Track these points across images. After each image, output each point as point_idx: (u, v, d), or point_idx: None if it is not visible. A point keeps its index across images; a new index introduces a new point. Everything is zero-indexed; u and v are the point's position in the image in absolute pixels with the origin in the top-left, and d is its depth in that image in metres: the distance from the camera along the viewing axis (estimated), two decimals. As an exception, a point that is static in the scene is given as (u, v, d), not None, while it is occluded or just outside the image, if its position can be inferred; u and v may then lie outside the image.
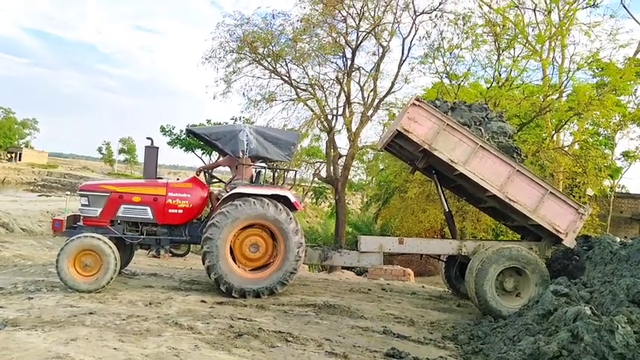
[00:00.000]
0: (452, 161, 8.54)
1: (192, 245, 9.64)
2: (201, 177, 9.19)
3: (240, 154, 8.58)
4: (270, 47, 16.74)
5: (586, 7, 18.09)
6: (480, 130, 9.14)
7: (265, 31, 16.77)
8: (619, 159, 27.37)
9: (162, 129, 23.86)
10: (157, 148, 8.90)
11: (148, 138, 8.86)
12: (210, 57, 17.06)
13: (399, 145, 9.59)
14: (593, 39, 17.18)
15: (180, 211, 8.54)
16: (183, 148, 23.39)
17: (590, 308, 4.83)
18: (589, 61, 17.09)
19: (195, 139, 13.83)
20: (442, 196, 10.09)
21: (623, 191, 30.50)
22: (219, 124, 20.34)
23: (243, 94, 18.05)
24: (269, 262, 8.59)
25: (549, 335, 4.80)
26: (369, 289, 10.57)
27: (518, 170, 8.59)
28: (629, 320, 4.57)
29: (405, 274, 13.90)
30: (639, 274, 6.07)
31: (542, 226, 8.69)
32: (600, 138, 23.43)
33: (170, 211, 8.50)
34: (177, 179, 9.41)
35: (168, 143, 23.89)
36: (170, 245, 8.85)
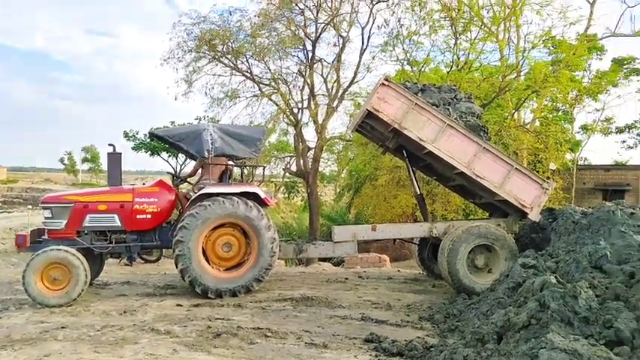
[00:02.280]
0: (421, 140, 8.70)
1: (164, 250, 9.55)
2: (168, 179, 9.11)
3: (206, 153, 8.53)
4: (229, 44, 16.60)
5: (536, -13, 18.47)
6: (448, 109, 9.33)
7: (223, 28, 16.59)
8: (578, 132, 28.14)
9: (126, 134, 23.35)
10: (120, 154, 8.79)
11: (110, 144, 8.75)
12: (169, 58, 16.82)
13: (370, 125, 9.73)
14: (545, 18, 17.61)
15: (149, 216, 8.45)
16: (149, 152, 22.98)
17: (556, 277, 4.99)
18: (543, 39, 17.52)
19: (159, 142, 13.64)
20: (413, 179, 10.25)
21: (585, 163, 31.32)
22: (184, 125, 20.11)
23: (206, 93, 17.86)
24: (243, 260, 8.58)
25: (519, 306, 4.94)
26: (346, 279, 10.67)
27: (484, 147, 8.79)
28: (591, 285, 4.75)
29: (381, 261, 14.06)
30: (600, 241, 6.29)
31: (508, 201, 8.91)
32: (559, 113, 24.03)
33: (138, 216, 8.41)
34: (144, 184, 9.31)
35: (133, 148, 23.38)
36: (141, 251, 8.76)
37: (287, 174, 21.77)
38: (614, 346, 3.90)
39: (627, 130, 35.24)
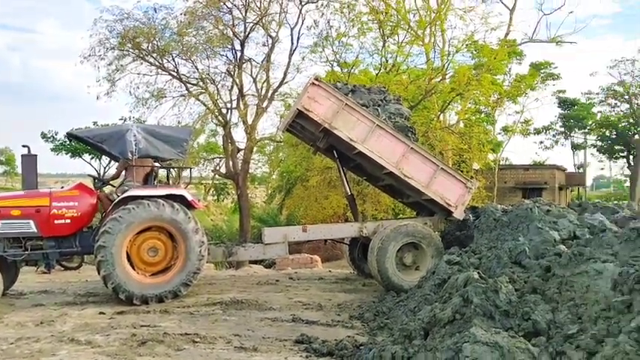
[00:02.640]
0: (351, 140, 8.78)
1: (85, 256, 9.12)
2: (89, 182, 8.70)
3: (129, 155, 8.21)
4: (155, 42, 16.12)
5: (459, -7, 19.26)
6: (378, 110, 9.48)
7: (148, 25, 16.11)
8: (500, 134, 29.54)
9: (44, 135, 22.19)
10: (36, 156, 8.31)
11: (24, 146, 8.24)
12: (90, 55, 16.11)
13: (300, 125, 9.71)
14: (468, 23, 18.40)
15: (68, 220, 8.01)
16: (69, 154, 21.93)
17: (478, 273, 5.18)
18: (466, 43, 18.25)
19: (80, 143, 13.03)
20: (344, 179, 10.34)
21: (506, 163, 32.94)
22: (107, 125, 19.33)
23: (130, 92, 17.26)
24: (170, 264, 8.31)
25: (444, 302, 5.09)
26: (277, 280, 10.60)
27: (412, 148, 9.00)
28: (511, 279, 4.96)
29: (313, 261, 14.08)
30: (519, 237, 6.59)
31: (435, 200, 9.17)
32: (482, 115, 25.08)
33: (56, 222, 7.95)
34: (62, 187, 8.84)
35: (52, 150, 22.29)
36: (60, 258, 8.31)
37: (216, 176, 21.43)
38: (532, 337, 4.07)
39: (544, 131, 37.52)
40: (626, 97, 33.31)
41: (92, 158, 21.80)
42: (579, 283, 4.46)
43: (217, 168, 19.86)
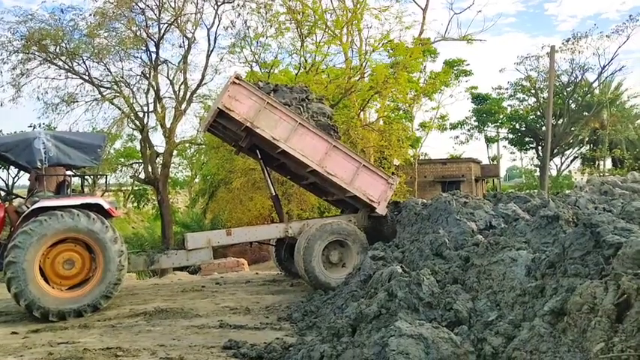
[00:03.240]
0: (274, 139, 8.75)
1: (-7, 273, 8.49)
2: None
3: (38, 163, 7.73)
4: (63, 45, 15.33)
5: (373, -7, 19.75)
6: (300, 109, 9.48)
7: (55, 27, 15.28)
8: (418, 130, 30.48)
9: (-59, 146, 20.49)
10: None
11: None
12: (-10, 59, 15.08)
13: (222, 125, 9.57)
14: (383, 22, 18.86)
15: (-28, 236, 7.45)
16: (-27, 164, 20.38)
17: (401, 266, 5.31)
18: (382, 42, 18.67)
19: (-18, 153, 12.13)
20: (268, 180, 10.27)
21: (425, 158, 34.08)
22: (15, 133, 18.14)
23: (38, 97, 16.35)
24: (88, 276, 7.91)
25: (370, 298, 5.18)
26: (203, 286, 10.37)
27: (334, 146, 9.10)
28: (433, 271, 5.13)
29: (239, 265, 13.92)
30: (439, 230, 6.82)
31: (358, 197, 9.31)
32: (400, 112, 25.79)
33: None
34: (-37, 201, 8.20)
35: (-49, 162, 20.63)
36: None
37: (135, 182, 20.70)
38: (454, 327, 4.23)
39: (460, 126, 39.12)
40: (533, 91, 35.42)
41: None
42: (496, 271, 4.68)
43: (136, 174, 19.17)
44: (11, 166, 9.13)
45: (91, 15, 15.52)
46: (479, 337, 3.88)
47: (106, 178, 10.36)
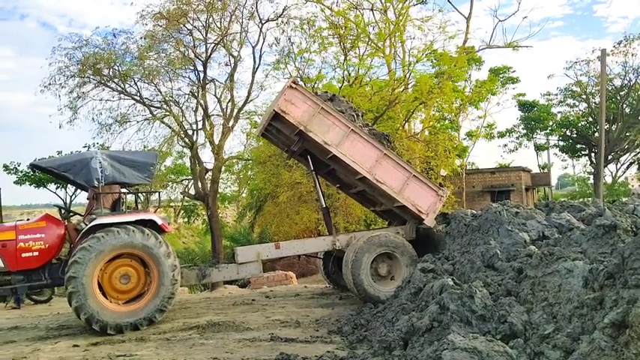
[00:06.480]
0: (326, 143, 8.84)
1: (56, 288, 8.87)
2: (55, 212, 8.50)
3: (95, 182, 8.07)
4: (116, 67, 16.00)
5: (416, 4, 19.71)
6: (353, 116, 9.56)
7: (108, 51, 15.98)
8: (464, 139, 30.00)
9: (6, 167, 21.68)
10: (-1, 189, 8.10)
11: (-15, 180, 8.02)
12: (50, 84, 15.88)
13: (276, 129, 9.74)
14: (427, 33, 18.77)
15: (36, 253, 7.81)
16: (34, 184, 21.44)
17: (452, 279, 5.24)
18: (426, 53, 18.58)
19: (44, 173, 12.74)
20: (319, 190, 10.34)
21: (473, 168, 33.46)
22: (71, 153, 18.96)
23: (93, 119, 17.07)
24: (143, 291, 8.16)
25: (421, 310, 5.12)
26: (253, 300, 10.50)
27: (385, 154, 9.11)
28: (485, 284, 5.04)
29: (288, 278, 14.02)
30: (490, 241, 6.69)
31: (407, 208, 9.24)
32: (446, 122, 25.50)
33: (23, 255, 7.74)
34: (27, 219, 8.61)
35: (16, 182, 21.76)
36: (30, 292, 8.07)
37: (186, 197, 21.22)
38: (509, 340, 4.13)
39: (507, 134, 38.29)
40: (584, 96, 34.31)
41: (58, 188, 21.35)
42: (551, 283, 4.56)
43: (186, 190, 19.67)
44: (70, 185, 9.54)
45: (141, 38, 16.14)
46: (535, 351, 3.79)
47: (159, 194, 10.67)
